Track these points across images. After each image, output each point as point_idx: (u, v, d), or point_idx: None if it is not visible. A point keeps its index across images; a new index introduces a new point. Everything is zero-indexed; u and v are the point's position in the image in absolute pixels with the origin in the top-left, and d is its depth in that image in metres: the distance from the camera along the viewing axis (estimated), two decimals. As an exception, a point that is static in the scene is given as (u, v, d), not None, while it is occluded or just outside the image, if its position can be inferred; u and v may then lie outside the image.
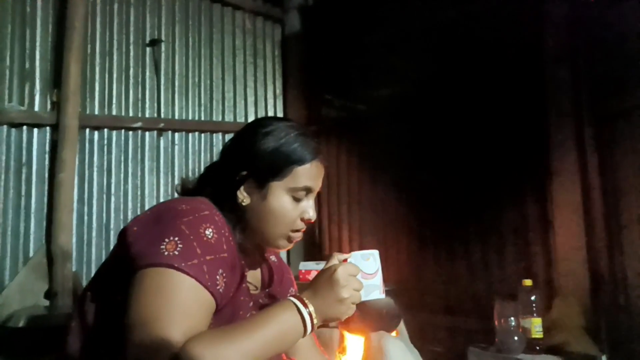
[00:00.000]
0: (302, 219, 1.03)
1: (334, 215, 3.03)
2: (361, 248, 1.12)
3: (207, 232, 0.89)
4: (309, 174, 1.02)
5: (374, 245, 2.70)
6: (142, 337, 0.79)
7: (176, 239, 0.86)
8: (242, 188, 1.01)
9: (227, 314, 0.92)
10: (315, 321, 0.89)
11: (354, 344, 2.36)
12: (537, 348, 1.80)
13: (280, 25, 3.35)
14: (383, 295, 1.00)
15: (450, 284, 2.45)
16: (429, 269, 2.55)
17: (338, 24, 3.05)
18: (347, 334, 2.39)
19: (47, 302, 2.31)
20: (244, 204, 1.01)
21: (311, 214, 1.03)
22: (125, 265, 0.87)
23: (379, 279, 0.99)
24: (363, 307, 0.98)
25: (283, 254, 1.29)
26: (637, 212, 1.85)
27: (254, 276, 1.10)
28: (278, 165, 1.00)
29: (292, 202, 1.01)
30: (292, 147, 1.01)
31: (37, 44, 2.54)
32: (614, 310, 1.89)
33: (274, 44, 3.35)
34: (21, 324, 2.19)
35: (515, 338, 1.78)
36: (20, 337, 2.13)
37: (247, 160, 1.01)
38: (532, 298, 1.89)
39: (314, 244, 3.09)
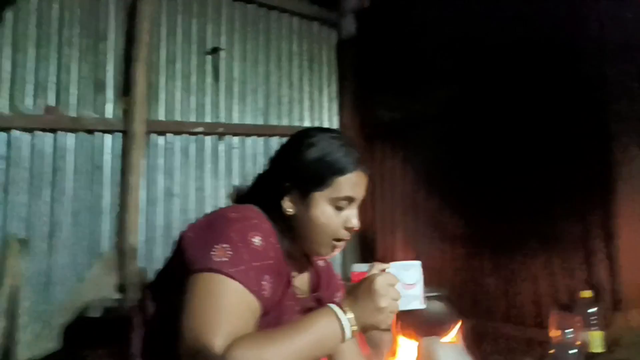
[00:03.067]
0: (346, 228, 1.05)
1: (388, 219, 3.04)
2: (415, 253, 1.14)
3: (254, 240, 0.95)
4: (351, 183, 1.04)
5: (429, 250, 2.72)
6: (192, 335, 0.86)
7: (226, 245, 0.92)
8: (286, 198, 1.05)
9: (273, 318, 0.97)
10: (354, 328, 0.92)
11: (405, 347, 2.37)
12: (596, 362, 1.73)
13: (336, 29, 3.39)
14: (423, 306, 1.02)
15: (508, 292, 2.39)
16: (486, 276, 2.50)
17: (393, 27, 3.05)
18: (399, 337, 2.40)
19: (117, 295, 2.49)
20: (288, 213, 1.05)
21: (354, 222, 1.06)
22: (181, 268, 0.95)
23: (419, 289, 1.02)
24: (412, 313, 1.00)
25: (337, 255, 1.33)
26: None
27: (301, 281, 1.15)
28: (320, 176, 1.03)
29: (334, 212, 1.04)
30: (334, 157, 1.04)
31: (108, 56, 2.73)
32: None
33: (329, 48, 3.40)
34: (96, 314, 2.38)
35: (571, 352, 1.73)
36: (95, 326, 2.32)
37: (291, 171, 1.05)
38: (593, 310, 1.81)
39: (368, 247, 3.11)
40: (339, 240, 1.06)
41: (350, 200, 1.05)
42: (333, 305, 0.93)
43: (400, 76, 3.03)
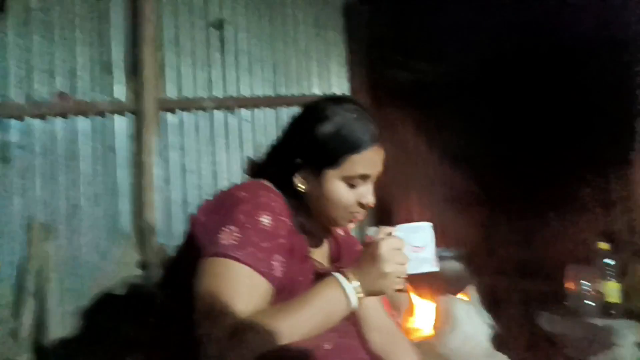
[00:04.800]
0: (360, 205, 1.03)
1: (402, 183, 3.01)
2: (431, 215, 1.11)
3: (263, 220, 0.94)
4: (365, 161, 1.01)
5: (444, 211, 2.69)
6: (207, 310, 0.88)
7: (234, 227, 0.92)
8: (298, 175, 1.02)
9: (288, 295, 0.96)
10: (359, 296, 0.91)
11: (422, 307, 2.39)
12: (612, 312, 1.71)
13: (342, -10, 3.30)
14: (436, 268, 0.99)
15: (524, 247, 2.36)
16: (502, 232, 2.47)
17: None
18: (415, 298, 2.42)
19: (139, 272, 2.57)
20: (301, 190, 1.03)
21: (369, 199, 1.03)
22: (194, 252, 0.96)
23: (430, 251, 0.98)
24: (427, 274, 0.97)
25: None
26: None
27: (321, 253, 1.14)
28: (332, 154, 0.99)
29: (348, 189, 1.01)
30: (347, 133, 0.99)
31: (114, 37, 2.74)
32: None
33: (336, 11, 3.31)
34: (121, 292, 2.47)
35: (586, 302, 1.70)
36: (120, 304, 2.41)
37: (302, 147, 1.02)
38: (610, 262, 1.78)
39: (384, 211, 3.09)
40: (353, 213, 1.04)
41: (364, 177, 1.02)
42: (337, 274, 0.93)
43: (414, 37, 2.93)
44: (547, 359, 1.91)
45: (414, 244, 0.97)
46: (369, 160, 1.01)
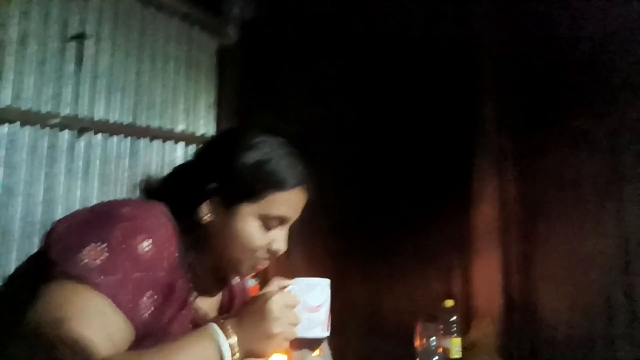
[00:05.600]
0: (270, 250, 0.92)
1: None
2: (287, 263, 1.04)
3: (143, 244, 0.78)
4: (288, 202, 0.91)
5: (300, 259, 2.70)
6: (36, 345, 0.69)
7: (104, 245, 0.75)
8: (205, 203, 0.89)
9: (152, 342, 0.79)
10: (235, 357, 0.77)
11: (276, 362, 2.29)
12: (456, 368, 1.85)
13: (218, 36, 3.28)
14: (327, 334, 0.90)
15: (374, 305, 2.47)
16: (353, 290, 2.56)
17: (278, 38, 3.05)
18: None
19: None
20: (205, 220, 0.89)
21: (281, 245, 0.92)
22: (44, 267, 0.75)
23: (324, 313, 0.88)
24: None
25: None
26: (548, 237, 1.99)
27: (208, 301, 0.98)
28: (254, 186, 0.88)
29: (261, 230, 0.90)
30: (274, 167, 0.89)
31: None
32: (526, 333, 2.01)
33: (210, 55, 3.27)
34: None
35: (435, 359, 1.82)
36: None
37: (220, 171, 0.89)
38: (453, 319, 1.95)
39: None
40: (259, 259, 0.92)
41: (283, 221, 0.92)
42: (214, 326, 0.79)
43: (282, 89, 3.02)
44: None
45: (309, 303, 0.86)
46: (292, 202, 0.92)
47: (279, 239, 0.92)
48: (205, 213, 0.89)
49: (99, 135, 2.71)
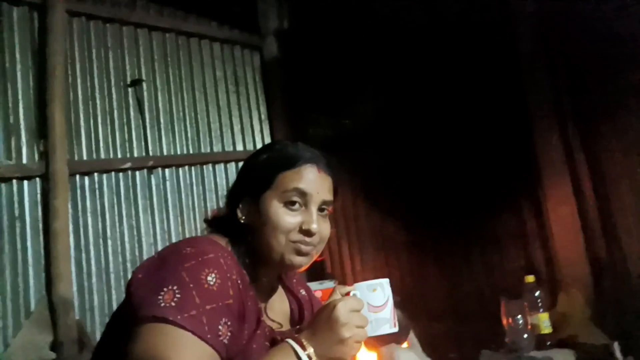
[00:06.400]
0: (301, 231, 0.98)
1: (331, 236, 3.03)
2: (362, 263, 1.10)
3: (209, 279, 0.85)
4: (298, 176, 0.98)
5: (375, 262, 2.73)
6: None
7: (175, 287, 0.83)
8: (240, 206, 1.02)
9: None
10: None
11: (364, 358, 2.35)
12: (548, 343, 1.81)
13: (259, 51, 3.39)
14: (395, 329, 0.94)
15: (455, 290, 2.45)
16: (432, 279, 2.56)
17: (314, 46, 3.09)
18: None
19: (53, 355, 2.27)
20: (243, 221, 1.00)
21: (311, 225, 0.97)
22: (129, 315, 0.86)
23: (389, 310, 0.93)
24: None
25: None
26: (628, 198, 1.88)
27: (280, 313, 1.07)
28: (266, 175, 1.00)
29: (287, 211, 0.98)
30: (279, 154, 1.02)
31: (20, 96, 2.54)
32: (618, 296, 1.91)
33: (254, 71, 3.39)
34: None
35: (525, 336, 1.79)
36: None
37: (241, 180, 1.05)
38: (537, 294, 1.90)
39: (315, 261, 3.08)
40: (297, 242, 0.98)
41: (302, 195, 0.98)
42: (291, 341, 0.86)
43: (326, 93, 3.07)
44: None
45: (373, 304, 0.92)
46: (304, 177, 0.99)
47: (307, 218, 0.99)
48: (241, 215, 1.01)
49: (168, 170, 2.90)
